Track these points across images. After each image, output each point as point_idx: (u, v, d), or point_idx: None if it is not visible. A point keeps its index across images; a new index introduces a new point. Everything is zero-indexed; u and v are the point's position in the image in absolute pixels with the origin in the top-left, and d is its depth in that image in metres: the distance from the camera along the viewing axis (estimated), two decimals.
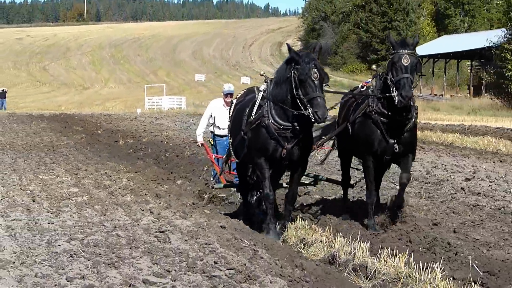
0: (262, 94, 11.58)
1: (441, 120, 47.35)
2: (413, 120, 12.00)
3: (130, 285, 8.03)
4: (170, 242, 10.28)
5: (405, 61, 11.05)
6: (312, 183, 14.88)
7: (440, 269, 9.30)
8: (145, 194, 15.03)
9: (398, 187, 12.87)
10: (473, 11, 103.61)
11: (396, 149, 11.71)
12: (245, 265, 8.96)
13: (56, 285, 7.98)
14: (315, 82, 10.44)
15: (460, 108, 63.84)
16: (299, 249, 11.21)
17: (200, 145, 17.23)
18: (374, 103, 11.88)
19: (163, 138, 32.79)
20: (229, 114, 13.26)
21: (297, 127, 11.03)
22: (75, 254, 9.45)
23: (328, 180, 15.29)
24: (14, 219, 11.89)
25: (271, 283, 8.13)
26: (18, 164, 20.81)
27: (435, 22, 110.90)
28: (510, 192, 16.11)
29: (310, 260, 10.12)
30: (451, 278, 9.28)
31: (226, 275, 8.48)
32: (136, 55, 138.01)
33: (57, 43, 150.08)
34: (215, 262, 9.08)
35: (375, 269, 9.77)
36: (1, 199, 14.03)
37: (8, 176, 17.66)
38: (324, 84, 10.79)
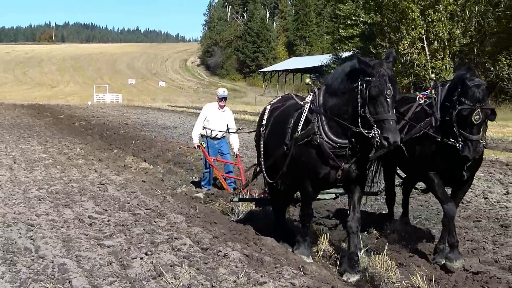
0: (310, 106, 6.74)
1: None
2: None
3: (79, 219, 7.97)
4: (107, 191, 10.24)
5: (477, 118, 6.23)
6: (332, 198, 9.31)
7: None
8: (92, 159, 14.86)
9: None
10: (312, 42, 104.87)
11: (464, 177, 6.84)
12: (157, 206, 8.99)
13: (28, 219, 7.92)
14: (388, 100, 5.93)
15: None
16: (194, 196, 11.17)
17: (197, 147, 12.26)
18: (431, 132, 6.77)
19: (106, 121, 32.24)
20: (263, 120, 7.96)
21: (357, 144, 6.37)
22: (42, 198, 9.40)
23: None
24: (0, 175, 11.74)
25: (174, 218, 8.16)
26: (4, 137, 20.50)
27: (287, 48, 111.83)
28: None
29: (201, 203, 10.20)
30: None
31: (144, 213, 8.50)
32: (88, 65, 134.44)
33: (34, 56, 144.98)
34: (137, 204, 9.09)
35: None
36: None
37: None
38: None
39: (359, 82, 6.04)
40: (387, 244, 7.25)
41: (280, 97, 8.26)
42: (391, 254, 6.86)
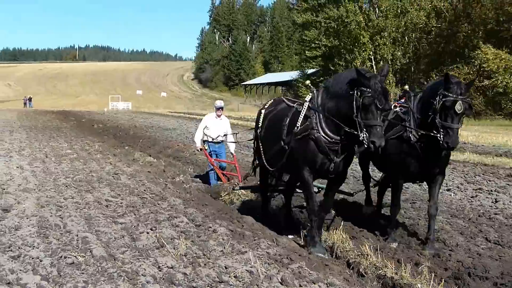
0: (308, 105, 6.21)
1: None
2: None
3: (98, 202, 7.95)
4: (120, 179, 10.20)
5: (459, 108, 5.86)
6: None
7: None
8: (107, 154, 14.76)
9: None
10: (283, 61, 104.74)
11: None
12: (160, 192, 8.98)
13: (58, 201, 7.88)
14: (378, 109, 5.49)
15: None
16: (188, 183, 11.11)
17: (199, 150, 11.54)
18: (412, 129, 6.38)
19: (118, 124, 31.95)
20: (259, 122, 7.39)
21: (346, 141, 5.92)
22: (68, 185, 9.36)
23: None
24: (35, 167, 11.69)
25: (174, 201, 8.18)
26: (38, 137, 20.30)
27: (264, 66, 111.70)
28: None
29: (196, 189, 10.20)
30: None
31: (150, 197, 8.50)
32: (104, 80, 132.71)
33: (61, 72, 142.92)
34: (144, 190, 9.08)
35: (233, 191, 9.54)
36: (29, 156, 13.75)
37: (32, 143, 17.36)
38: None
39: (355, 91, 5.54)
40: (342, 221, 7.36)
41: (272, 100, 7.57)
42: (345, 229, 6.95)
